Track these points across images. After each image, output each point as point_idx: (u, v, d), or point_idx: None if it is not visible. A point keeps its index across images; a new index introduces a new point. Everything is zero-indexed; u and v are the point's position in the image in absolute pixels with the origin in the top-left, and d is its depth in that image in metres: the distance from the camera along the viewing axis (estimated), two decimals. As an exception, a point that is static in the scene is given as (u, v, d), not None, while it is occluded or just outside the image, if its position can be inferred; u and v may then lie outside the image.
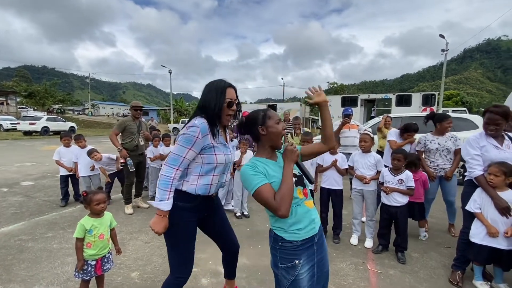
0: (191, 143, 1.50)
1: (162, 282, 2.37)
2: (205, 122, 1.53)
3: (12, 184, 5.87)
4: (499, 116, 2.27)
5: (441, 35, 19.64)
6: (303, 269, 1.32)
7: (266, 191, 1.25)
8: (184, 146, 1.50)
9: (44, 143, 15.09)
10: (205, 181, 1.60)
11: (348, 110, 4.75)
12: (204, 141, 1.53)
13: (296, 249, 1.32)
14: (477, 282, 2.35)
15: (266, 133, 1.38)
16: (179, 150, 1.51)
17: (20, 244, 3.07)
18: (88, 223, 1.99)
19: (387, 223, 2.96)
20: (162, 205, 1.50)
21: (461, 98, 47.24)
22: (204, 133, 1.51)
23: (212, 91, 1.57)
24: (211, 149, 1.56)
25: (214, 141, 1.57)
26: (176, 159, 1.51)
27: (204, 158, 1.56)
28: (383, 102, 16.52)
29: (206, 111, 1.57)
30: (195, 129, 1.50)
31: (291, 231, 1.32)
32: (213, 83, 1.62)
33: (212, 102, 1.55)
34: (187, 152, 1.51)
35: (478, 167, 2.32)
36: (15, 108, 29.44)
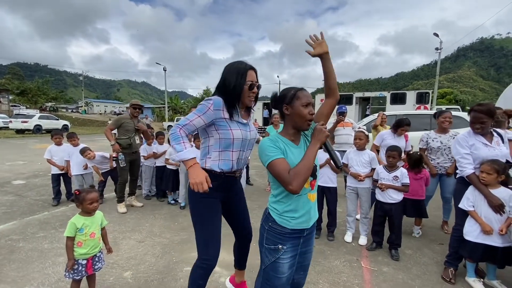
0: (202, 111, 1.54)
1: (155, 282, 2.36)
2: (221, 99, 1.56)
3: (3, 183, 5.76)
4: (483, 114, 2.28)
5: (435, 34, 19.78)
6: (285, 255, 1.35)
7: (281, 164, 1.24)
8: (195, 113, 1.54)
9: (37, 141, 14.86)
10: (226, 156, 1.62)
11: (342, 108, 4.75)
12: (216, 114, 1.55)
13: (284, 235, 1.34)
14: (469, 279, 2.37)
15: (290, 113, 1.36)
16: (189, 115, 1.56)
17: (11, 244, 3.01)
18: (79, 221, 1.96)
19: (382, 220, 2.97)
20: (183, 155, 1.48)
21: (455, 96, 47.78)
22: (217, 106, 1.55)
23: (232, 73, 1.58)
24: (225, 124, 1.58)
25: (229, 118, 1.59)
26: (183, 121, 1.56)
27: (220, 134, 1.59)
28: (378, 100, 16.61)
29: (225, 91, 1.58)
30: (209, 101, 1.55)
31: (284, 217, 1.33)
32: (233, 64, 1.62)
33: (231, 84, 1.57)
34: (195, 118, 1.53)
35: (469, 165, 2.33)
36: (7, 106, 28.93)
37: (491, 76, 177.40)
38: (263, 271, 1.42)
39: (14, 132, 19.25)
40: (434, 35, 19.81)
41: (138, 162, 4.37)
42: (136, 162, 4.31)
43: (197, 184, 1.44)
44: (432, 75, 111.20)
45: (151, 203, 4.57)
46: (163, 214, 4.05)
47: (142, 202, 4.47)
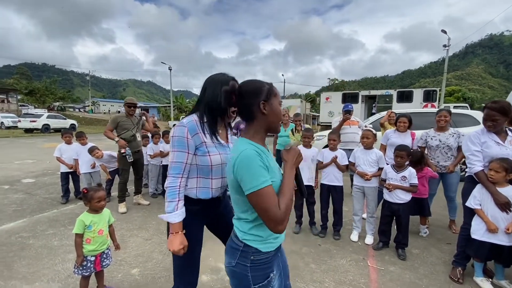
0: (184, 145, 1.35)
1: (162, 279, 2.39)
2: (194, 120, 1.38)
3: (13, 181, 5.88)
4: (495, 111, 2.25)
5: (443, 31, 19.49)
6: (275, 278, 1.15)
7: (271, 195, 0.98)
8: (181, 151, 1.35)
9: (45, 140, 15.11)
10: (205, 184, 1.44)
11: (348, 106, 4.72)
12: (196, 140, 1.37)
13: (270, 261, 1.12)
14: (477, 279, 2.34)
15: (267, 112, 1.11)
16: (178, 157, 1.35)
17: (21, 241, 3.08)
18: (88, 219, 2.00)
19: (389, 219, 2.95)
20: (171, 217, 1.34)
21: (463, 94, 47.08)
22: (193, 132, 1.36)
23: (217, 85, 1.39)
24: (204, 149, 1.39)
25: (209, 140, 1.40)
26: (177, 167, 1.36)
27: (198, 160, 1.39)
28: (384, 98, 16.47)
29: (211, 107, 1.39)
30: (183, 129, 1.35)
31: (269, 240, 1.11)
32: (216, 77, 1.43)
33: (218, 97, 1.37)
34: (187, 157, 1.36)
35: (478, 163, 2.31)
36: (16, 106, 29.45)
37: (501, 74, 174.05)
38: None
39: (23, 131, 19.60)
40: (442, 32, 19.52)
41: (141, 161, 4.39)
42: (139, 161, 4.33)
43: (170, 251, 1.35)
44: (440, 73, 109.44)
45: (157, 201, 4.61)
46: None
47: (148, 201, 4.52)
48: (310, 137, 3.45)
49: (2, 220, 3.68)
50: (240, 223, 1.14)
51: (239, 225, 1.14)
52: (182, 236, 1.37)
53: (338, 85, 54.53)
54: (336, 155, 3.24)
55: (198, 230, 1.53)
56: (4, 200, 4.55)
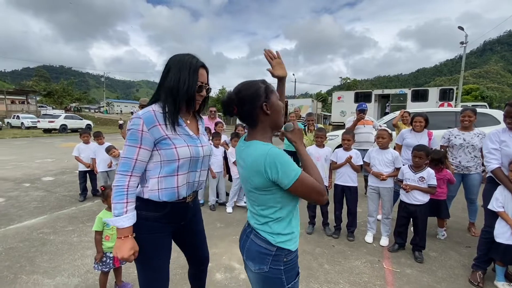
0: (138, 138, 1.18)
1: (177, 276, 2.43)
2: (151, 111, 1.22)
3: (34, 179, 6.11)
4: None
5: (460, 27, 18.88)
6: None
7: (307, 176, 1.02)
8: (132, 145, 1.18)
9: (63, 140, 15.61)
10: (169, 184, 1.25)
11: (362, 105, 4.65)
12: (154, 133, 1.20)
13: (297, 257, 1.14)
14: (499, 283, 2.27)
15: (271, 112, 1.09)
16: (127, 152, 1.19)
17: (43, 237, 3.19)
18: (107, 216, 2.05)
19: (405, 221, 2.88)
20: (119, 221, 1.15)
21: (481, 92, 45.42)
22: (150, 124, 1.19)
23: (184, 68, 1.23)
24: (167, 142, 1.22)
25: (171, 132, 1.23)
26: (126, 163, 1.19)
27: (162, 155, 1.22)
28: (398, 98, 16.11)
29: (173, 93, 1.23)
30: (137, 121, 1.18)
31: (296, 236, 1.13)
32: (182, 58, 1.26)
33: (184, 83, 1.22)
34: (137, 152, 1.18)
35: (494, 161, 2.27)
36: (35, 107, 30.57)
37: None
38: None
39: (42, 131, 20.32)
40: (458, 28, 18.92)
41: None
42: None
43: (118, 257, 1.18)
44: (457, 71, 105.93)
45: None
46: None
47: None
48: (324, 137, 3.43)
49: (24, 217, 3.83)
50: (269, 226, 1.09)
51: (269, 228, 1.09)
52: (132, 240, 1.20)
53: (350, 84, 53.76)
54: (351, 155, 3.20)
55: (166, 240, 1.35)
56: (26, 198, 4.73)
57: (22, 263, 2.63)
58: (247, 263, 1.15)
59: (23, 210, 4.09)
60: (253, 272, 1.12)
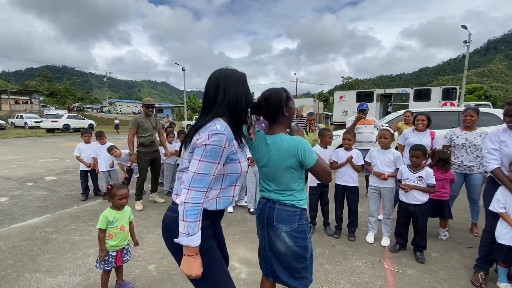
0: (218, 156, 1.15)
1: (178, 275, 2.43)
2: (227, 126, 1.20)
3: (36, 178, 6.16)
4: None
5: (463, 26, 18.74)
6: None
7: (322, 161, 1.44)
8: (211, 162, 1.15)
9: (65, 139, 15.72)
10: (228, 193, 1.30)
11: (363, 105, 4.63)
12: (229, 149, 1.21)
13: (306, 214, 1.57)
14: (501, 284, 2.25)
15: (288, 115, 1.46)
16: (207, 168, 1.14)
17: (45, 236, 3.22)
18: (111, 215, 2.08)
19: (405, 221, 2.87)
20: (193, 241, 1.12)
21: (485, 92, 45.15)
22: (230, 140, 1.19)
23: (238, 84, 1.26)
24: (234, 156, 1.24)
25: (239, 147, 1.27)
26: (204, 180, 1.14)
27: (227, 169, 1.24)
28: (400, 97, 16.04)
29: (235, 109, 1.25)
30: (221, 137, 1.15)
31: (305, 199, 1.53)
32: (234, 74, 1.28)
33: (243, 99, 1.26)
34: (215, 168, 1.16)
35: (493, 161, 2.26)
36: (38, 107, 30.80)
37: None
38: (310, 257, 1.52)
39: (45, 131, 20.47)
40: (462, 27, 18.78)
41: (158, 160, 4.49)
42: (157, 160, 4.43)
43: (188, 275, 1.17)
44: (460, 70, 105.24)
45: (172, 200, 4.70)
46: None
47: (164, 199, 4.61)
48: (331, 137, 3.40)
49: (27, 216, 3.86)
50: (294, 196, 1.48)
51: (294, 197, 1.48)
52: (199, 258, 1.18)
53: (352, 84, 53.58)
54: (351, 155, 3.19)
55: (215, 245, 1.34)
56: (29, 197, 4.77)
57: (24, 261, 2.65)
58: (279, 226, 1.46)
59: (26, 209, 4.12)
60: (284, 231, 1.45)
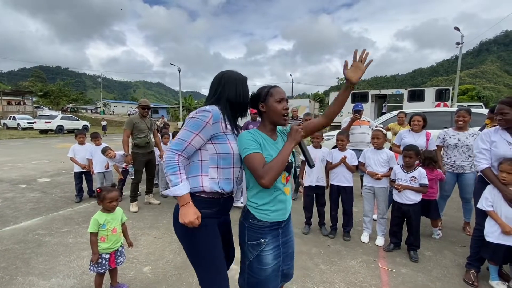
0: (199, 127, 1.33)
1: (173, 277, 2.43)
2: (217, 109, 1.39)
3: (29, 180, 6.08)
4: (504, 105, 2.22)
5: (456, 28, 19.00)
6: (268, 247, 1.39)
7: (257, 158, 1.29)
8: (190, 131, 1.33)
9: (59, 141, 15.53)
10: (227, 174, 1.42)
11: (358, 106, 4.67)
12: (215, 128, 1.36)
13: (264, 229, 1.39)
14: (493, 282, 2.29)
15: (266, 110, 1.42)
16: (184, 135, 1.33)
17: (38, 239, 3.18)
18: (102, 217, 2.05)
19: (399, 221, 2.91)
20: (177, 190, 1.30)
21: (477, 92, 45.79)
22: (216, 119, 1.36)
23: (239, 84, 1.47)
24: (223, 137, 1.39)
25: (226, 130, 1.42)
26: (179, 143, 1.33)
27: (218, 148, 1.38)
28: (394, 98, 16.19)
29: (233, 103, 1.45)
30: (207, 114, 1.34)
31: (262, 210, 1.38)
32: (236, 75, 1.49)
33: (240, 96, 1.46)
34: (193, 138, 1.33)
35: (484, 161, 2.30)
36: (31, 108, 30.37)
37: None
38: (247, 267, 1.42)
39: (38, 132, 20.20)
40: (455, 29, 19.04)
41: (153, 161, 4.47)
42: (152, 161, 4.41)
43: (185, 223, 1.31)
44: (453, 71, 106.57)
45: (167, 201, 4.67)
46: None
47: (159, 200, 4.59)
48: (320, 138, 3.44)
49: (20, 218, 3.81)
50: (249, 191, 1.44)
51: (248, 193, 1.44)
52: (192, 206, 1.33)
53: (347, 85, 53.89)
54: (345, 155, 3.21)
55: (217, 234, 1.45)
56: (22, 199, 4.71)
57: (17, 264, 2.62)
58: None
59: (18, 212, 4.07)
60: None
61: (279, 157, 1.29)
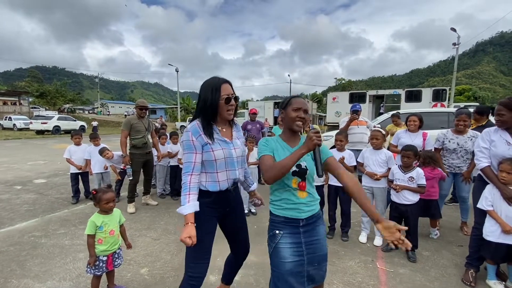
0: (191, 147, 1.56)
1: (171, 278, 2.41)
2: (196, 124, 1.58)
3: (25, 182, 6.02)
4: (501, 106, 2.23)
5: (453, 29, 19.13)
6: (284, 240, 1.45)
7: (266, 159, 1.45)
8: (189, 153, 1.57)
9: (56, 141, 15.43)
10: (212, 178, 1.61)
11: (356, 106, 4.68)
12: (200, 141, 1.57)
13: (279, 223, 1.49)
14: (490, 282, 2.29)
15: (284, 117, 1.56)
16: (187, 157, 1.57)
17: (34, 241, 3.14)
18: (99, 219, 2.03)
19: (397, 221, 2.89)
20: (182, 210, 1.51)
21: (473, 93, 46.08)
22: (196, 134, 1.56)
23: (207, 90, 1.58)
24: (207, 146, 1.58)
25: (210, 139, 1.58)
26: (187, 166, 1.57)
27: (204, 156, 1.59)
28: (392, 98, 16.25)
29: (203, 109, 1.59)
30: (187, 134, 1.57)
31: (276, 205, 1.51)
32: (207, 82, 1.62)
33: (207, 101, 1.57)
34: (194, 157, 1.56)
35: (484, 159, 2.31)
36: (28, 108, 30.16)
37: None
38: (270, 260, 1.51)
39: (35, 133, 20.05)
40: (451, 30, 19.17)
41: (151, 163, 4.44)
42: (150, 162, 4.38)
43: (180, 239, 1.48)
44: (449, 72, 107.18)
45: (165, 202, 4.66)
46: (177, 213, 4.11)
47: (156, 201, 4.56)
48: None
49: (15, 220, 3.77)
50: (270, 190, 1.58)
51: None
52: (191, 227, 1.48)
53: (345, 85, 54.13)
54: (344, 156, 3.21)
55: (209, 222, 1.64)
56: (17, 200, 4.66)
57: (12, 267, 2.58)
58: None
59: (14, 213, 4.02)
60: None
61: (285, 159, 1.36)
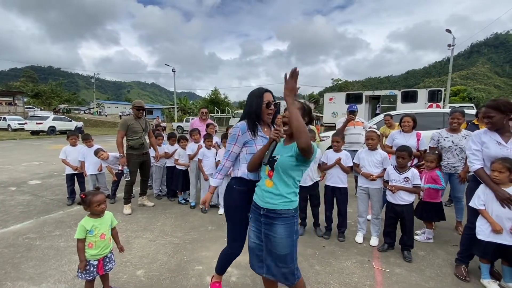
0: (234, 140, 1.91)
1: (167, 280, 2.40)
2: (244, 123, 1.92)
3: (20, 183, 5.95)
4: (490, 108, 2.25)
5: (448, 30, 19.29)
6: (251, 222, 1.80)
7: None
8: (230, 143, 1.94)
9: (51, 142, 15.28)
10: None
11: (353, 107, 4.70)
12: (244, 137, 1.90)
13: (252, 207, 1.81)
14: (484, 281, 2.32)
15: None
16: (228, 146, 1.95)
17: (28, 243, 3.11)
18: (89, 223, 1.97)
19: (393, 221, 2.93)
20: (211, 182, 2.01)
21: (468, 93, 46.58)
22: (243, 131, 1.90)
23: (253, 96, 1.94)
24: (251, 142, 1.91)
25: (254, 136, 1.91)
26: (226, 152, 1.95)
27: (247, 149, 1.92)
28: (388, 99, 16.34)
29: (248, 112, 1.94)
30: (236, 129, 1.92)
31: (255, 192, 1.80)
32: (253, 91, 1.98)
33: (252, 106, 1.92)
34: (232, 148, 1.92)
35: (476, 161, 2.34)
36: (22, 108, 29.83)
37: (507, 73, 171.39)
38: None
39: (29, 133, 19.83)
40: (446, 31, 19.33)
41: (148, 163, 4.42)
42: (147, 163, 4.36)
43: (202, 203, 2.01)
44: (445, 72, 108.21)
45: (162, 203, 4.64)
46: (173, 214, 4.10)
47: (153, 202, 4.54)
48: (313, 139, 3.44)
49: (10, 222, 3.73)
50: None
51: None
52: (210, 196, 2.03)
53: (341, 86, 54.35)
54: (340, 156, 3.22)
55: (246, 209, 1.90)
56: (11, 202, 4.61)
57: (7, 269, 2.56)
58: None
59: (8, 215, 3.98)
60: None
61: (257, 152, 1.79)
